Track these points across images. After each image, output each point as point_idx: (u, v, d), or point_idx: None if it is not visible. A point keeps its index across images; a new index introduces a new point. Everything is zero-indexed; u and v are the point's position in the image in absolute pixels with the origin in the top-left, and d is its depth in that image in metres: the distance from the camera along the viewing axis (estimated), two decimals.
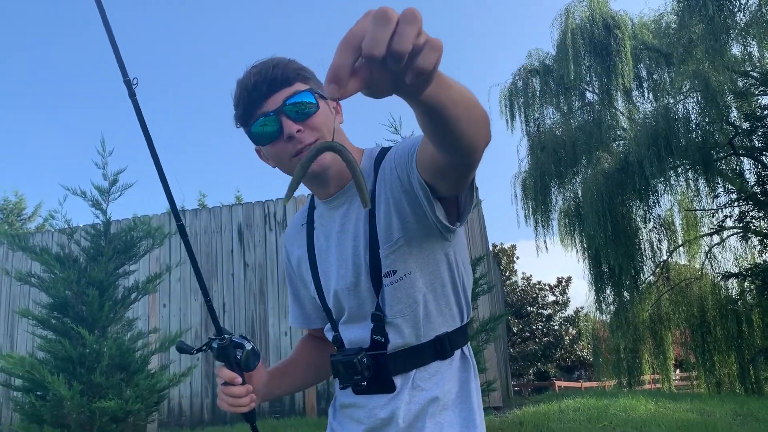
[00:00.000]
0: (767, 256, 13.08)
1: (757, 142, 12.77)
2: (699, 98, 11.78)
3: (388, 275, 1.17)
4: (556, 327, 25.02)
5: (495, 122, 13.36)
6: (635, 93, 13.87)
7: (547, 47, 15.37)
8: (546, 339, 24.52)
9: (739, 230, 13.35)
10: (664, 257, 13.64)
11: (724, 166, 13.12)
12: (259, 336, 8.24)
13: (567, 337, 24.69)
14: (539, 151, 13.33)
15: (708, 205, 13.47)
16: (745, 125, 12.71)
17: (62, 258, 5.50)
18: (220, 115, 50.32)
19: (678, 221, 13.88)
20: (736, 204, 13.42)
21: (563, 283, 25.19)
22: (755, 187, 12.98)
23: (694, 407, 6.83)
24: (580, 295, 33.93)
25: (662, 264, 13.58)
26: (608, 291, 13.40)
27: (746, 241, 13.26)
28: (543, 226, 13.62)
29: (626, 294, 13.25)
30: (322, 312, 1.32)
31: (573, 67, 12.70)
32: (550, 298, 25.23)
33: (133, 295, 5.71)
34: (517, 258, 24.86)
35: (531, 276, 25.27)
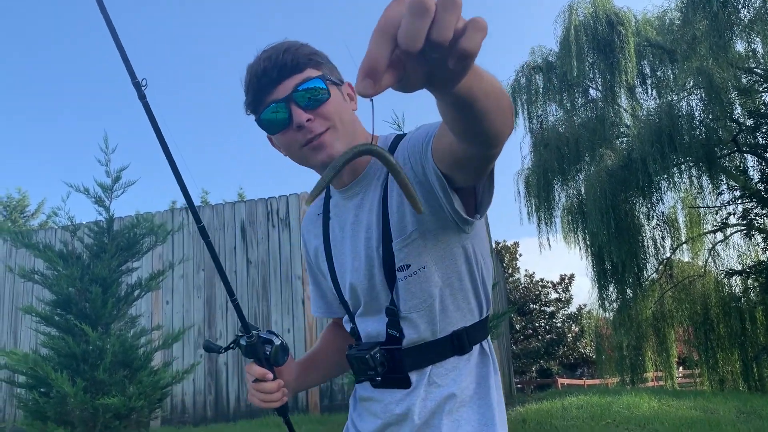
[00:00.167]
0: None
1: (761, 139, 12.73)
2: (703, 95, 11.75)
3: (401, 269, 1.13)
4: (558, 324, 25.01)
5: None
6: (639, 90, 13.83)
7: (551, 44, 15.39)
8: (549, 336, 24.51)
9: (742, 227, 13.31)
10: (668, 254, 13.62)
11: (727, 163, 13.09)
12: None
13: (570, 335, 24.68)
14: (542, 148, 13.30)
15: (711, 202, 13.45)
16: (749, 122, 12.67)
17: (65, 255, 5.50)
18: (222, 112, 50.34)
19: (681, 218, 13.86)
20: (739, 201, 13.39)
21: (566, 281, 25.17)
22: (759, 185, 12.94)
23: (698, 405, 6.82)
24: (583, 292, 34.03)
25: (665, 261, 13.56)
26: (611, 288, 13.39)
27: (750, 238, 13.22)
28: (546, 224, 13.61)
29: (629, 291, 13.23)
30: None
31: (576, 63, 12.67)
32: (553, 296, 25.22)
33: (136, 292, 5.72)
34: (520, 255, 24.84)
35: (534, 273, 25.28)
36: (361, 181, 1.21)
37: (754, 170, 13.24)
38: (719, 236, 13.66)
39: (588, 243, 13.06)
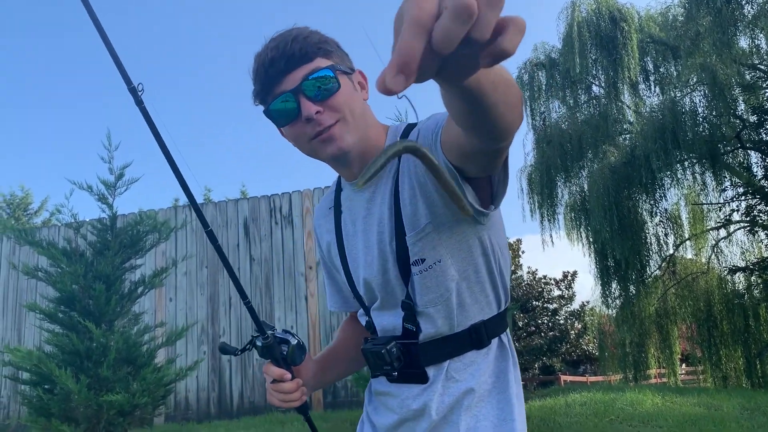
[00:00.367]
0: None
1: (764, 136, 12.68)
2: (706, 91, 11.70)
3: (416, 263, 1.11)
4: (561, 321, 24.98)
5: None
6: (642, 86, 13.79)
7: (553, 41, 15.31)
8: (551, 333, 24.47)
9: (746, 224, 13.28)
10: (671, 251, 13.59)
11: (731, 160, 13.04)
12: None
13: (572, 332, 24.65)
14: (545, 145, 13.27)
15: (715, 199, 13.39)
16: (753, 118, 12.62)
17: (69, 252, 5.52)
18: (223, 109, 50.34)
19: (684, 215, 13.82)
20: (743, 198, 13.35)
21: (569, 278, 25.12)
22: (762, 181, 12.90)
23: (701, 401, 6.81)
24: (586, 289, 33.96)
25: (668, 258, 13.53)
26: (614, 285, 13.36)
27: (753, 235, 13.19)
28: (549, 221, 13.58)
29: (632, 288, 13.20)
30: None
31: (579, 60, 12.63)
32: (556, 293, 25.17)
33: (139, 289, 5.74)
34: (523, 252, 24.77)
35: (536, 270, 25.20)
36: None
37: (757, 167, 13.20)
38: (722, 233, 13.62)
39: (591, 240, 13.03)
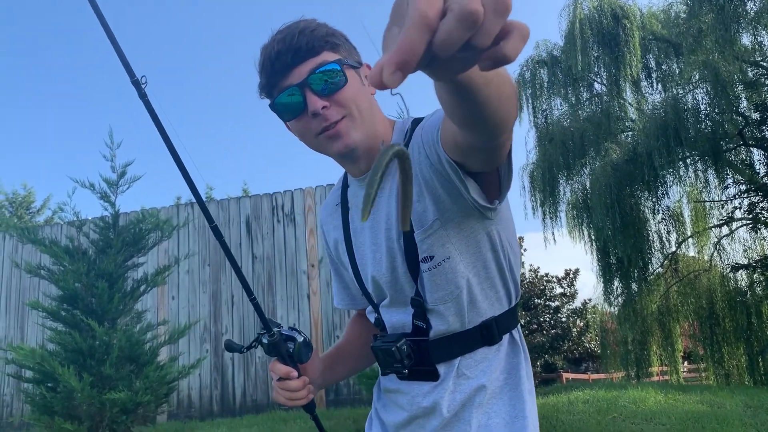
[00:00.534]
0: None
1: (767, 133, 12.66)
2: (708, 89, 11.68)
3: (425, 260, 1.09)
4: (563, 319, 24.96)
5: None
6: (644, 84, 13.77)
7: (555, 38, 15.33)
8: (553, 331, 24.46)
9: (748, 221, 13.26)
10: (673, 249, 13.58)
11: (733, 157, 13.02)
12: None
13: (575, 329, 24.63)
14: (547, 143, 13.26)
15: (717, 196, 13.37)
16: (755, 116, 12.59)
17: (71, 250, 5.52)
18: (225, 107, 50.33)
19: (687, 213, 13.81)
20: (745, 195, 13.32)
21: (571, 275, 25.10)
22: (765, 178, 12.88)
23: (704, 399, 6.80)
24: (588, 287, 33.91)
25: (671, 256, 13.52)
26: (616, 283, 13.35)
27: (756, 232, 13.17)
28: (551, 218, 13.56)
29: (634, 286, 13.20)
30: None
31: (581, 57, 12.61)
32: (558, 290, 25.15)
33: (142, 287, 5.74)
34: (525, 250, 24.74)
35: (539, 268, 25.16)
36: None
37: (760, 164, 13.17)
38: (725, 230, 13.61)
39: (593, 237, 13.02)
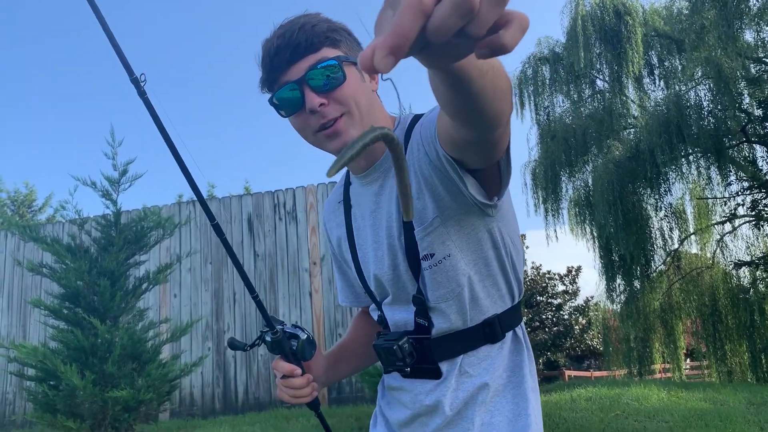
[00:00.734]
0: None
1: None
2: (711, 85, 11.64)
3: (425, 258, 1.09)
4: (566, 316, 24.95)
5: None
6: (646, 80, 13.74)
7: (557, 35, 15.29)
8: (556, 329, 24.45)
9: (751, 218, 13.23)
10: (676, 246, 13.55)
11: (736, 154, 12.98)
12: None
13: (577, 327, 24.62)
14: (549, 140, 13.23)
15: (720, 193, 13.34)
16: (758, 112, 12.56)
17: (73, 248, 5.52)
18: (226, 106, 50.35)
19: (689, 210, 13.77)
20: (748, 192, 13.29)
21: (573, 273, 25.07)
22: None
23: (707, 396, 6.79)
24: (590, 284, 33.91)
25: (673, 253, 13.49)
26: (619, 280, 13.33)
27: (759, 229, 13.14)
28: (553, 216, 13.54)
29: (637, 283, 13.17)
30: None
31: (583, 54, 12.58)
32: (560, 288, 25.13)
33: (144, 285, 5.74)
34: (527, 248, 24.73)
35: (541, 265, 25.14)
36: (378, 167, 1.15)
37: (763, 161, 13.14)
38: (727, 227, 13.58)
39: (595, 235, 13.00)
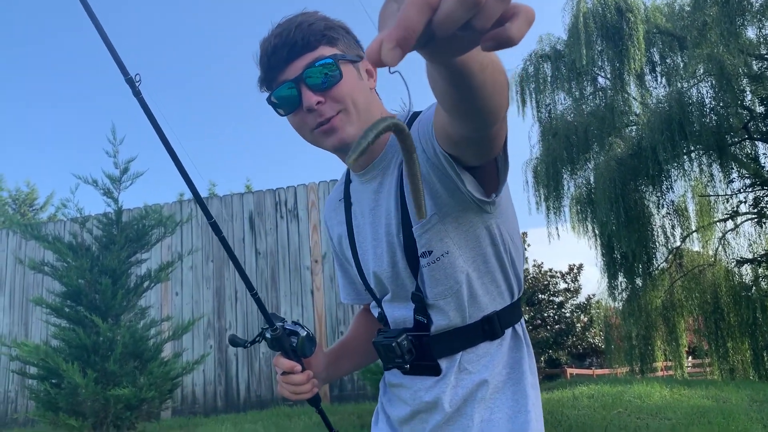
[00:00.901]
0: None
1: None
2: (713, 82, 11.63)
3: (424, 255, 1.09)
4: (567, 314, 24.93)
5: None
6: (648, 77, 13.71)
7: (559, 32, 15.28)
8: (557, 326, 24.44)
9: (753, 216, 13.21)
10: (678, 243, 13.53)
11: (738, 151, 12.96)
12: None
13: (579, 325, 24.60)
14: (551, 137, 13.21)
15: (722, 190, 13.31)
16: (760, 109, 12.54)
17: (75, 247, 5.52)
18: (227, 105, 50.34)
19: (691, 207, 13.75)
20: (750, 189, 13.27)
21: (575, 270, 25.06)
22: None
23: (710, 393, 6.78)
24: (592, 282, 33.85)
25: (675, 250, 13.47)
26: (620, 278, 13.32)
27: (761, 226, 13.11)
28: (555, 213, 13.52)
29: (639, 281, 13.16)
30: None
31: (585, 51, 12.55)
32: (562, 286, 25.11)
33: (145, 284, 5.74)
34: (528, 245, 24.71)
35: (542, 263, 25.13)
36: (377, 165, 1.16)
37: (765, 158, 13.12)
38: (730, 225, 13.56)
39: (597, 232, 12.99)
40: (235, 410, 7.98)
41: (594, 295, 19.72)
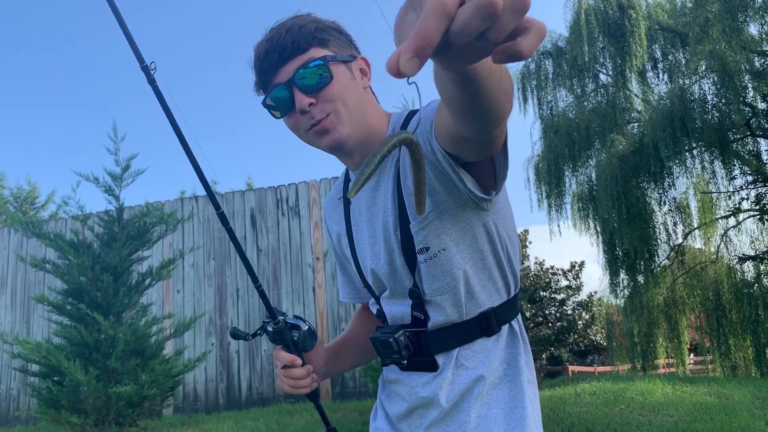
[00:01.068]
0: None
1: None
2: (715, 79, 11.59)
3: (421, 252, 1.10)
4: (569, 312, 24.93)
5: None
6: (650, 74, 13.67)
7: (560, 29, 15.24)
8: (559, 324, 24.44)
9: (755, 213, 13.18)
10: (679, 240, 13.51)
11: (740, 148, 12.93)
12: None
13: (580, 322, 24.60)
14: (552, 134, 13.19)
15: (724, 187, 13.28)
16: (763, 106, 12.51)
17: (76, 244, 5.52)
18: (227, 103, 50.33)
19: (693, 204, 13.72)
20: (752, 186, 13.25)
21: (576, 268, 25.04)
22: None
23: (712, 390, 6.77)
24: (594, 279, 33.79)
25: (677, 247, 13.45)
26: (622, 275, 13.30)
27: (763, 223, 13.09)
28: (556, 210, 13.51)
29: (640, 278, 13.14)
30: None
31: (586, 48, 12.53)
32: (563, 283, 25.10)
33: (147, 281, 5.74)
34: (530, 243, 24.70)
35: (544, 261, 25.12)
36: None
37: (767, 154, 13.10)
38: (732, 222, 13.52)
39: (599, 230, 12.97)
40: (237, 407, 7.99)
41: (596, 293, 19.76)
